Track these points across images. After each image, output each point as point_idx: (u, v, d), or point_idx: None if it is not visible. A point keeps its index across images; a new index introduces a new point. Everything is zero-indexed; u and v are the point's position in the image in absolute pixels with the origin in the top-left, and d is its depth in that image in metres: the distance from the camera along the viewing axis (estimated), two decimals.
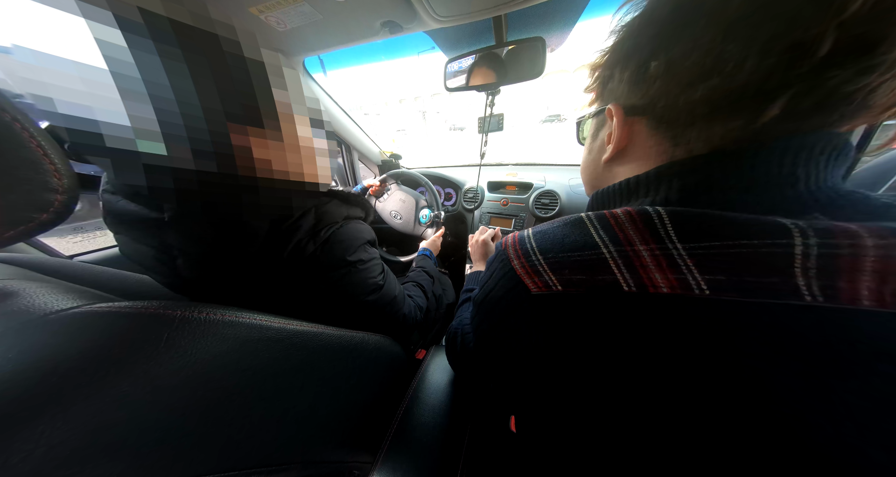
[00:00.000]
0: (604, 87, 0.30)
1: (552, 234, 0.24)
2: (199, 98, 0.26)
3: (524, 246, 0.24)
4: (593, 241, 0.21)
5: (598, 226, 0.21)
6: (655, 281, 0.18)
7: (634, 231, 0.20)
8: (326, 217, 0.43)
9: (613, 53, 0.27)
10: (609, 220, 0.21)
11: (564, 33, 0.82)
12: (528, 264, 0.23)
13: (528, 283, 0.23)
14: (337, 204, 0.46)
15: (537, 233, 0.25)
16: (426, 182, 1.04)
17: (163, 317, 0.26)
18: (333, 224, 0.44)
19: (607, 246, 0.20)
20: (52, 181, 0.21)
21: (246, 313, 0.32)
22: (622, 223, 0.20)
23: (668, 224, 0.19)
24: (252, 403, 0.32)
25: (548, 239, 0.24)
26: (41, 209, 0.21)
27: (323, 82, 1.07)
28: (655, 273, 0.18)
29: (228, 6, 0.58)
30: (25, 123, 0.19)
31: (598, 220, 0.22)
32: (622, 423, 0.20)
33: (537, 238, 0.24)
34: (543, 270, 0.22)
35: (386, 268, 0.56)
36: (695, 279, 0.17)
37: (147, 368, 0.24)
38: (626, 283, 0.19)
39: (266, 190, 0.36)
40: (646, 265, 0.19)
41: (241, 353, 0.30)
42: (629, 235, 0.20)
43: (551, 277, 0.22)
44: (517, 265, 0.24)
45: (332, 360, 0.42)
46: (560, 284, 0.21)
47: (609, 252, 0.20)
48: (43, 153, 0.20)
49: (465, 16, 0.59)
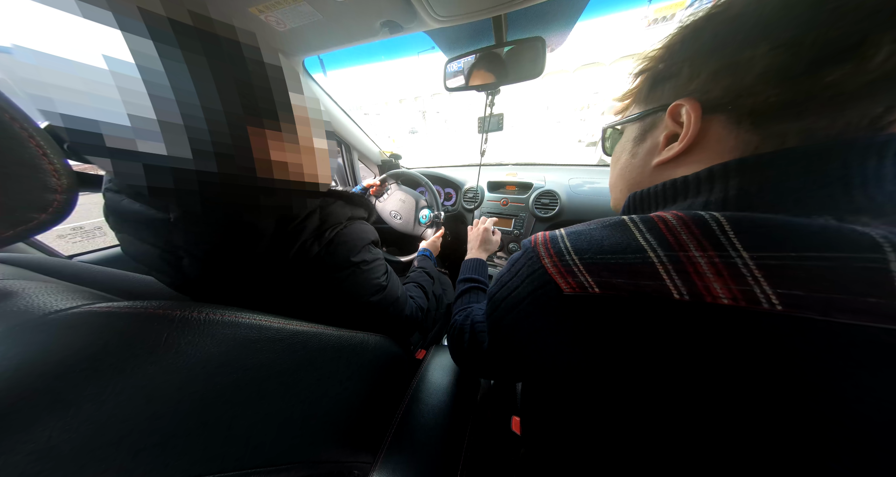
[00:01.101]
0: (659, 86, 0.28)
1: (589, 234, 0.23)
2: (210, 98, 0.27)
3: (557, 245, 0.24)
4: (637, 244, 0.20)
5: (643, 228, 0.20)
6: (714, 291, 0.17)
7: (688, 236, 0.19)
8: (331, 218, 0.43)
9: (685, 46, 0.25)
10: (657, 223, 0.20)
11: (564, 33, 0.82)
12: (562, 264, 0.22)
13: (561, 282, 0.22)
14: (341, 205, 0.46)
15: (571, 233, 0.24)
16: (426, 182, 1.04)
17: (163, 317, 0.26)
18: (338, 225, 0.44)
19: (655, 250, 0.19)
20: (51, 181, 0.21)
21: (246, 313, 0.32)
22: (673, 227, 0.19)
23: (730, 231, 0.18)
24: (252, 404, 0.32)
25: (584, 239, 0.23)
26: (40, 209, 0.21)
27: (323, 82, 1.07)
28: (714, 282, 0.17)
29: (228, 6, 0.58)
30: (24, 123, 0.19)
31: (643, 223, 0.21)
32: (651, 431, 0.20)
33: (572, 238, 0.23)
34: (578, 271, 0.21)
35: (389, 268, 0.56)
36: (763, 292, 0.16)
37: (147, 367, 0.24)
38: (678, 290, 0.18)
39: (273, 191, 0.36)
40: (702, 273, 0.17)
41: (240, 353, 0.30)
42: (682, 240, 0.19)
43: (587, 278, 0.21)
44: (549, 264, 0.23)
45: (331, 360, 0.42)
46: (597, 286, 0.20)
47: (657, 257, 0.19)
48: (42, 153, 0.20)
49: (465, 16, 0.59)
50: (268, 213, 0.37)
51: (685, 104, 0.25)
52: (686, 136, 0.25)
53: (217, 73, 0.27)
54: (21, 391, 0.19)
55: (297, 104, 0.36)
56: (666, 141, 0.28)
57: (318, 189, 0.40)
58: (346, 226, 0.45)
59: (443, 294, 0.89)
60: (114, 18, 0.22)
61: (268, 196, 0.35)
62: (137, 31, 0.23)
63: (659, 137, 0.29)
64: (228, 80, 0.28)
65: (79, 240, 4.46)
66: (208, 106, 0.27)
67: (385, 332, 0.55)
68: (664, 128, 0.28)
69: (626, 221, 0.22)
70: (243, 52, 0.29)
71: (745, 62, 0.21)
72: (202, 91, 0.26)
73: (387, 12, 0.61)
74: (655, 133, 0.29)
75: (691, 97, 0.25)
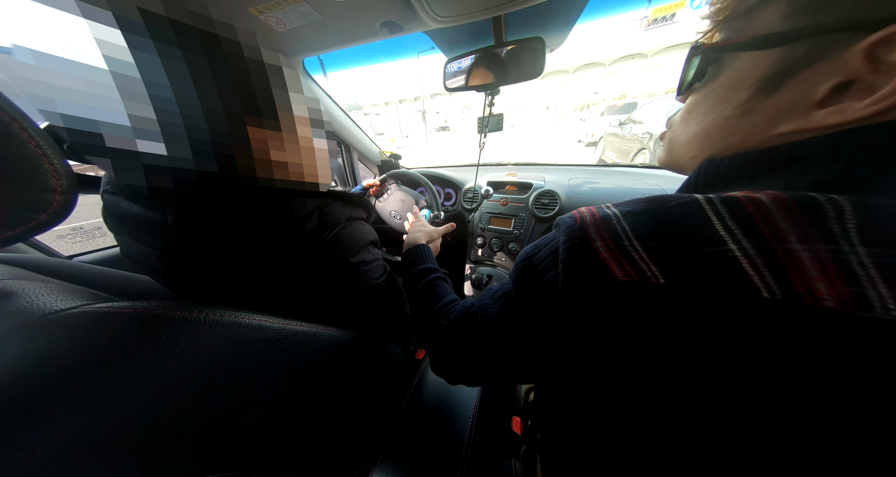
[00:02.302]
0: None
1: (653, 217, 0.19)
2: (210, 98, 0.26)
3: (611, 226, 0.20)
4: (716, 234, 0.17)
5: (725, 215, 0.17)
6: (816, 291, 0.14)
7: (790, 225, 0.15)
8: (330, 219, 0.43)
9: None
10: (745, 206, 0.16)
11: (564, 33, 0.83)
12: (618, 249, 0.19)
13: (616, 270, 0.19)
14: (340, 205, 0.46)
15: (629, 213, 0.20)
16: (426, 182, 1.04)
17: (162, 317, 0.26)
18: (336, 225, 0.44)
19: (739, 241, 0.16)
20: (51, 181, 0.21)
21: (245, 314, 0.32)
22: (768, 212, 0.16)
23: (850, 219, 0.14)
24: (252, 404, 0.32)
25: (647, 223, 0.19)
26: (40, 209, 0.21)
27: (323, 83, 1.07)
28: (818, 282, 0.14)
29: (228, 6, 0.58)
30: (24, 123, 0.19)
31: (724, 207, 0.17)
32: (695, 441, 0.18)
33: (630, 219, 0.20)
34: (641, 258, 0.18)
35: (388, 269, 0.56)
36: (880, 296, 0.13)
37: (146, 368, 0.24)
38: (768, 288, 0.15)
39: (273, 191, 0.35)
40: (803, 269, 0.15)
41: (240, 353, 0.30)
42: (779, 231, 0.15)
43: (652, 267, 0.18)
44: (601, 247, 0.20)
45: (331, 360, 0.42)
46: (663, 276, 0.17)
47: (742, 250, 0.16)
48: (41, 153, 0.20)
49: (465, 16, 0.59)
50: (268, 214, 0.37)
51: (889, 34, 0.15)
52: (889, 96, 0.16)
53: (217, 73, 0.27)
54: (21, 391, 0.19)
55: (297, 104, 0.36)
56: (831, 94, 0.17)
57: (317, 189, 0.40)
58: (344, 227, 0.45)
59: None
60: (114, 18, 0.22)
61: (268, 196, 0.35)
62: (138, 31, 0.23)
63: (817, 88, 0.18)
64: (228, 80, 0.28)
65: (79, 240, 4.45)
66: (208, 106, 0.27)
67: (385, 332, 0.55)
68: (836, 69, 0.17)
69: (702, 203, 0.18)
70: (243, 51, 0.29)
71: None
72: (202, 91, 0.26)
73: (386, 12, 0.61)
74: (807, 79, 0.18)
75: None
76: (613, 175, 1.15)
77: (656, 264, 0.18)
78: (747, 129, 0.21)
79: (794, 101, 0.19)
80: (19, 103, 0.22)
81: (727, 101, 0.22)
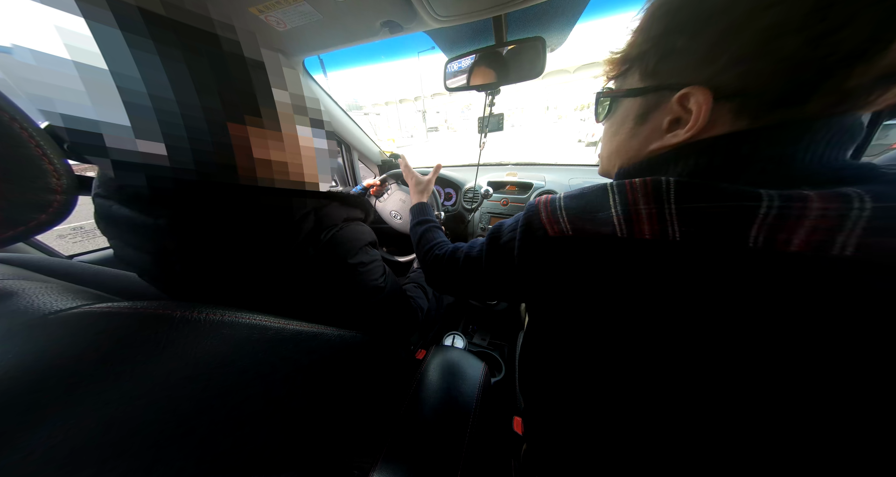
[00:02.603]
0: (670, 60, 0.25)
1: (578, 198, 0.29)
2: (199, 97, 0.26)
3: (554, 205, 0.30)
4: (608, 203, 0.26)
5: (615, 192, 0.26)
6: (643, 231, 0.24)
7: (642, 195, 0.24)
8: (326, 220, 0.43)
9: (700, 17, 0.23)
10: (626, 188, 0.25)
11: (564, 33, 0.82)
12: (553, 217, 0.30)
13: (549, 228, 0.30)
14: (337, 206, 0.46)
15: (567, 197, 0.30)
16: None
17: (163, 317, 0.26)
18: (333, 227, 0.43)
19: (616, 207, 0.25)
20: (51, 181, 0.21)
21: (246, 314, 0.32)
22: (636, 188, 0.25)
23: (672, 190, 0.23)
24: (252, 404, 0.32)
25: (574, 201, 0.29)
26: (40, 209, 0.21)
27: (323, 83, 1.07)
28: (644, 225, 0.24)
29: (228, 6, 0.58)
30: (24, 123, 0.19)
31: (618, 188, 0.26)
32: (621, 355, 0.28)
33: (566, 201, 0.30)
34: (563, 221, 0.29)
35: (387, 269, 0.55)
36: (674, 231, 0.23)
37: (146, 368, 0.24)
38: (621, 231, 0.25)
39: (272, 191, 0.35)
40: (641, 220, 0.24)
41: (240, 353, 0.30)
42: (636, 198, 0.24)
43: (566, 225, 0.29)
44: (543, 216, 0.31)
45: (331, 360, 0.42)
46: (572, 231, 0.28)
47: (616, 212, 0.25)
48: (42, 153, 0.20)
49: (465, 16, 0.59)
50: (264, 215, 0.36)
51: (697, 93, 0.23)
52: (693, 126, 0.25)
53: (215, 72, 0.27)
54: (21, 392, 0.19)
55: (297, 104, 0.36)
56: (669, 126, 0.27)
57: (315, 190, 0.40)
58: (342, 228, 0.45)
59: (443, 294, 0.89)
60: (114, 18, 0.22)
61: (266, 197, 0.35)
62: (138, 30, 0.23)
63: (662, 121, 0.27)
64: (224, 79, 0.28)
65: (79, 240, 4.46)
66: (207, 105, 0.27)
67: (385, 332, 0.55)
68: (669, 111, 0.26)
69: (608, 188, 0.27)
70: (243, 52, 0.29)
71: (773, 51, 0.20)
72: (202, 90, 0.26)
73: (387, 12, 0.61)
74: (658, 115, 0.28)
75: (705, 87, 0.23)
76: None
77: (570, 224, 0.29)
78: (635, 147, 0.31)
79: (653, 130, 0.29)
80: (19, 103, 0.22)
81: (625, 129, 0.32)
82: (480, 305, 1.18)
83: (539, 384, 0.42)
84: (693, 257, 0.22)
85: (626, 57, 0.29)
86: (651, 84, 0.28)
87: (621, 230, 0.25)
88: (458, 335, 1.09)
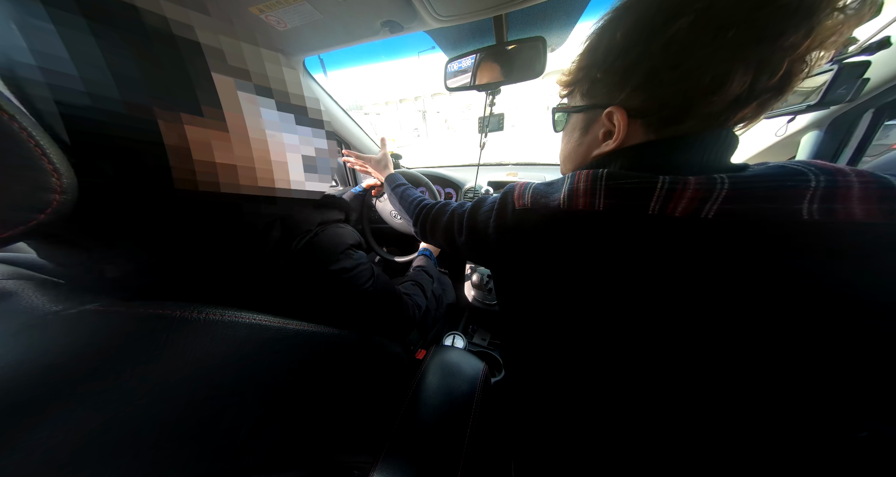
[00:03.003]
0: (597, 87, 0.33)
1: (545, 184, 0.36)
2: (114, 78, 0.22)
3: (524, 187, 0.37)
4: (560, 187, 0.33)
5: (568, 179, 0.32)
6: (576, 204, 0.30)
7: (583, 180, 0.30)
8: (298, 227, 0.39)
9: (608, 57, 0.30)
10: (575, 175, 0.32)
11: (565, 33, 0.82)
12: (521, 195, 0.36)
13: (517, 203, 0.36)
14: (309, 210, 0.42)
15: (538, 183, 0.37)
16: (426, 182, 1.03)
17: (162, 317, 0.26)
18: (306, 233, 0.40)
19: (562, 190, 0.32)
20: (51, 181, 0.21)
21: (245, 313, 0.32)
22: (580, 178, 0.31)
23: (603, 175, 0.29)
24: (252, 404, 0.32)
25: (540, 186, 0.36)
26: (40, 209, 0.21)
27: (323, 82, 1.07)
28: (580, 198, 0.30)
29: (228, 6, 0.58)
30: (23, 122, 0.19)
31: (570, 177, 0.32)
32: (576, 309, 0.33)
33: (535, 186, 0.37)
34: (528, 198, 0.35)
35: (376, 271, 0.52)
36: (599, 203, 0.29)
37: (146, 368, 0.24)
38: (561, 204, 0.31)
39: (217, 202, 0.31)
40: (580, 194, 0.30)
41: (240, 353, 0.30)
42: (580, 182, 0.31)
43: (528, 201, 0.35)
44: (516, 195, 0.37)
45: (331, 360, 0.42)
46: (531, 204, 0.35)
47: (563, 192, 0.32)
48: (41, 153, 0.20)
49: (466, 15, 0.59)
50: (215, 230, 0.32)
51: (616, 112, 0.31)
52: (617, 137, 0.32)
53: (138, 54, 0.23)
54: (21, 392, 0.19)
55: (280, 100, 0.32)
56: (603, 137, 0.34)
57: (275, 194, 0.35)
58: (316, 233, 0.41)
59: (443, 294, 0.89)
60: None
61: (213, 209, 0.31)
62: (68, 8, 0.21)
63: (598, 132, 0.35)
64: (154, 64, 0.24)
65: None
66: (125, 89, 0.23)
67: (381, 333, 0.55)
68: (602, 124, 0.34)
69: (565, 177, 0.33)
70: (171, 29, 0.25)
71: (655, 86, 0.28)
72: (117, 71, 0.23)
73: (387, 12, 0.61)
74: (595, 128, 0.35)
75: (620, 106, 0.31)
76: None
77: (531, 199, 0.35)
78: (582, 153, 0.39)
79: (593, 139, 0.36)
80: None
81: (574, 139, 0.39)
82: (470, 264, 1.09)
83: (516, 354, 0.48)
84: (611, 224, 0.29)
85: (570, 80, 0.37)
86: (588, 103, 0.35)
87: (564, 203, 0.31)
88: (458, 335, 1.09)
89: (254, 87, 0.31)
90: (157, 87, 0.25)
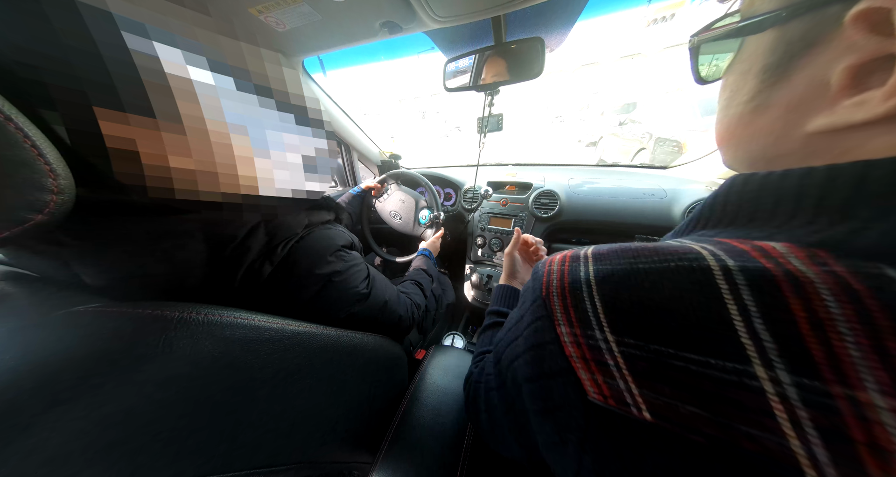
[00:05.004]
0: None
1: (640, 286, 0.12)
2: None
3: (581, 302, 0.13)
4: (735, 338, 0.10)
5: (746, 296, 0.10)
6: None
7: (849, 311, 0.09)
8: (281, 231, 0.37)
9: None
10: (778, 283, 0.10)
11: (563, 33, 0.83)
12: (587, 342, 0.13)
13: (585, 380, 0.13)
14: (294, 212, 0.39)
15: (607, 278, 0.13)
16: (426, 182, 1.04)
17: (161, 317, 0.26)
18: (292, 237, 0.38)
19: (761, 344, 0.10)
20: (47, 182, 0.21)
21: (244, 314, 0.32)
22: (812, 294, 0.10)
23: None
24: (251, 404, 0.32)
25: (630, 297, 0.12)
26: (36, 210, 0.21)
27: (323, 82, 1.07)
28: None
29: (228, 6, 0.58)
30: (19, 123, 0.19)
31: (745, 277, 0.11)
32: None
33: (605, 290, 0.13)
34: (615, 365, 0.12)
35: (372, 271, 0.50)
36: None
37: (146, 368, 0.24)
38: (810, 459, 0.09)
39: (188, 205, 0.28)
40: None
41: (239, 353, 0.30)
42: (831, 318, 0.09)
43: (633, 388, 0.11)
44: (566, 337, 0.13)
45: (331, 360, 0.42)
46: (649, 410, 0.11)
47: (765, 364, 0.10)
48: (37, 153, 0.20)
49: (464, 16, 0.59)
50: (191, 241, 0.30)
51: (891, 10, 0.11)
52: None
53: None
54: (20, 392, 0.19)
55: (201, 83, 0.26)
56: (852, 77, 0.13)
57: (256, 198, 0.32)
58: (303, 237, 0.39)
59: (442, 294, 0.89)
60: None
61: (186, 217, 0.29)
62: None
63: (829, 72, 0.14)
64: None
65: None
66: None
67: (381, 333, 0.55)
68: (839, 50, 0.13)
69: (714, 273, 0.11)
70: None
71: None
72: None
73: (386, 13, 0.61)
74: (815, 62, 0.14)
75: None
76: (613, 175, 1.15)
77: (639, 385, 0.11)
78: (771, 128, 0.17)
79: (807, 92, 0.15)
80: None
81: (739, 94, 0.19)
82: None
83: None
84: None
85: None
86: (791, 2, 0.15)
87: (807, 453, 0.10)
88: (458, 335, 1.09)
89: (254, 87, 0.30)
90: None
